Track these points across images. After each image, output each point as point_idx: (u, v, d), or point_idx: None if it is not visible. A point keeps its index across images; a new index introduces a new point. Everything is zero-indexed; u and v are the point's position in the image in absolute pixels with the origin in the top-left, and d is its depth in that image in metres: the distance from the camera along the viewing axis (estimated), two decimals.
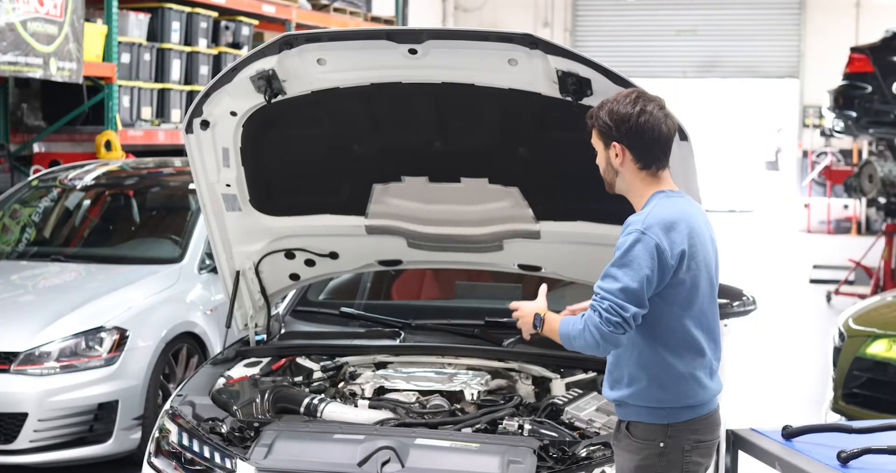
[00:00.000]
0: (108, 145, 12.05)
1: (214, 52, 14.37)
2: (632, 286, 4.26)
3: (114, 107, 12.34)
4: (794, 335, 14.26)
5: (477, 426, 5.41)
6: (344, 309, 6.83)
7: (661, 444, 4.46)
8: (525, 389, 6.00)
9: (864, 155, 22.98)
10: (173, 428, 5.41)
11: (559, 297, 6.89)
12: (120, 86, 12.55)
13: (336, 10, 17.19)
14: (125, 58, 12.72)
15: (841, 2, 27.85)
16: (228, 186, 5.97)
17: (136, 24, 12.95)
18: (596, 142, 4.51)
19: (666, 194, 4.47)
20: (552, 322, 4.48)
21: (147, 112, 13.20)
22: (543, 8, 29.62)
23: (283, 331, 6.64)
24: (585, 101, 5.09)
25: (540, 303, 4.62)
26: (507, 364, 6.11)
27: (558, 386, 5.90)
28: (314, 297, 7.24)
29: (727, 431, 5.14)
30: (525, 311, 4.60)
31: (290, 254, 6.32)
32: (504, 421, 5.39)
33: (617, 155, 4.45)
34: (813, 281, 18.12)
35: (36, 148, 12.82)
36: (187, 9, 13.77)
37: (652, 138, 4.43)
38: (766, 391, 11.22)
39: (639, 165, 4.45)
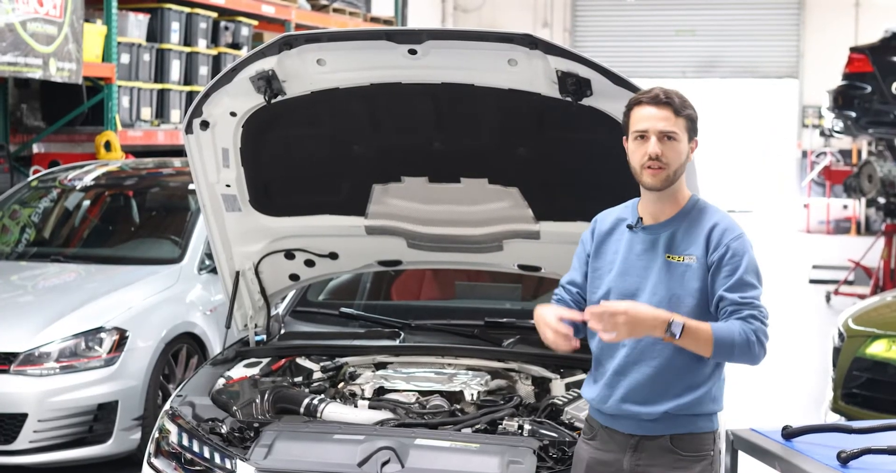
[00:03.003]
0: (108, 146, 12.06)
1: (214, 52, 14.38)
2: (762, 292, 4.30)
3: (113, 107, 12.35)
4: (794, 336, 14.25)
5: (477, 426, 5.40)
6: (343, 310, 6.83)
7: (713, 452, 4.43)
8: (525, 389, 6.00)
9: (864, 155, 23.00)
10: (173, 429, 5.41)
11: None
12: (119, 86, 12.56)
13: (335, 10, 17.20)
14: (125, 58, 12.73)
15: (840, 1, 27.86)
16: (228, 186, 5.97)
17: (136, 25, 12.95)
18: (682, 131, 4.36)
19: (702, 198, 4.52)
20: (699, 330, 4.19)
21: (146, 113, 13.21)
22: (543, 8, 29.62)
23: (282, 331, 6.64)
24: (585, 101, 5.09)
25: (658, 310, 4.22)
26: (506, 365, 6.10)
27: (558, 386, 5.90)
28: (314, 297, 7.25)
29: (727, 431, 5.14)
30: (643, 315, 4.15)
31: (289, 254, 6.32)
32: (504, 422, 5.39)
33: (692, 150, 4.42)
34: (812, 281, 18.12)
35: (35, 148, 12.83)
36: (187, 9, 13.78)
37: None
38: (765, 391, 11.22)
39: None
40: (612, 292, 4.41)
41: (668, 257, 4.37)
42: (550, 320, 4.30)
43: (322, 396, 5.75)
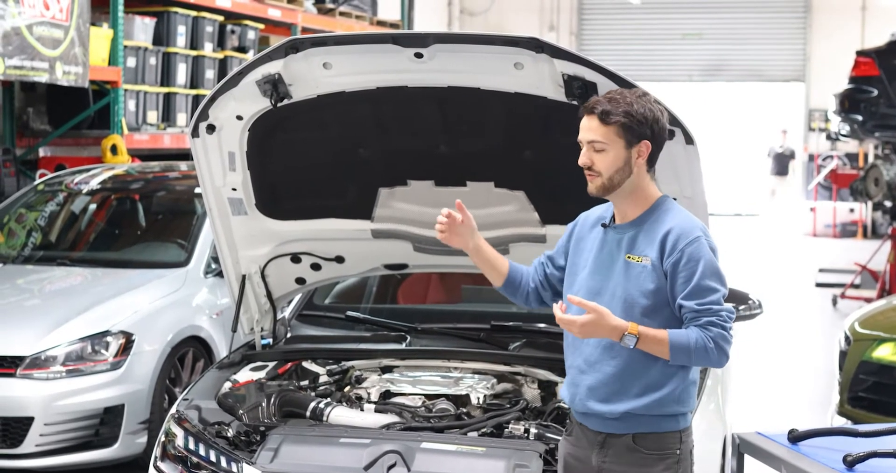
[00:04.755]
0: (114, 149, 12.06)
1: (220, 56, 14.39)
2: (725, 292, 4.33)
3: (119, 111, 12.36)
4: (800, 339, 14.25)
5: (483, 430, 5.40)
6: (350, 313, 6.83)
7: (678, 450, 4.45)
8: (531, 393, 5.99)
9: (870, 158, 22.96)
10: (179, 432, 5.41)
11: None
12: (126, 90, 12.56)
13: (342, 13, 17.20)
14: (131, 62, 12.73)
15: (847, 5, 27.88)
16: (234, 190, 5.97)
17: (142, 28, 12.96)
18: (612, 140, 4.35)
19: (670, 199, 4.51)
20: (655, 339, 4.25)
21: (153, 116, 13.22)
22: (549, 12, 29.65)
23: (288, 335, 6.64)
24: None
25: (618, 319, 4.26)
26: (512, 368, 6.10)
27: None
28: (320, 301, 7.24)
29: (733, 435, 5.14)
30: (600, 328, 4.24)
31: (295, 258, 6.32)
32: (510, 425, 5.39)
33: (640, 155, 4.38)
34: (819, 285, 18.10)
35: (42, 152, 12.83)
36: (193, 13, 13.79)
37: (665, 137, 4.49)
38: (771, 394, 11.22)
39: (648, 166, 4.44)
40: (581, 291, 4.47)
41: (628, 257, 4.41)
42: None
43: (328, 399, 5.74)
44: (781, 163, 26.65)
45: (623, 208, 4.47)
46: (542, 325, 6.43)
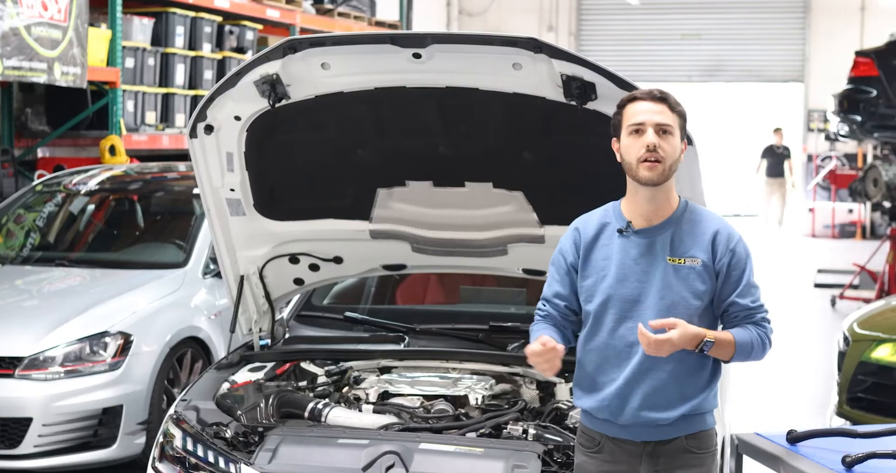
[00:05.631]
0: (113, 150, 12.05)
1: (218, 56, 14.38)
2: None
3: (118, 111, 12.35)
4: (799, 340, 14.23)
5: (481, 430, 5.39)
6: (348, 314, 6.83)
7: (717, 446, 4.48)
8: (529, 393, 5.99)
9: (869, 159, 22.97)
10: (177, 433, 5.41)
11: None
12: (124, 90, 12.55)
13: (340, 14, 17.20)
14: (129, 62, 12.72)
15: (846, 6, 27.87)
16: (232, 190, 5.96)
17: (141, 29, 12.96)
18: (676, 127, 4.35)
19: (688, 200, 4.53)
20: (725, 342, 4.30)
21: (151, 117, 13.21)
22: (548, 12, 29.64)
23: (287, 336, 6.64)
24: (590, 105, 5.08)
25: (694, 327, 4.25)
26: (511, 369, 6.10)
27: (563, 391, 5.89)
28: (318, 301, 7.24)
29: (732, 436, 5.14)
30: (685, 339, 4.22)
31: (294, 259, 6.32)
32: (508, 426, 5.38)
33: (682, 150, 4.41)
34: (817, 285, 18.10)
35: (40, 153, 12.82)
36: (191, 13, 13.79)
37: None
38: (770, 395, 11.21)
39: None
40: (612, 300, 4.38)
41: (671, 260, 4.36)
42: (535, 347, 4.36)
43: (326, 400, 5.75)
44: (776, 163, 26.43)
45: (653, 207, 4.39)
46: None
